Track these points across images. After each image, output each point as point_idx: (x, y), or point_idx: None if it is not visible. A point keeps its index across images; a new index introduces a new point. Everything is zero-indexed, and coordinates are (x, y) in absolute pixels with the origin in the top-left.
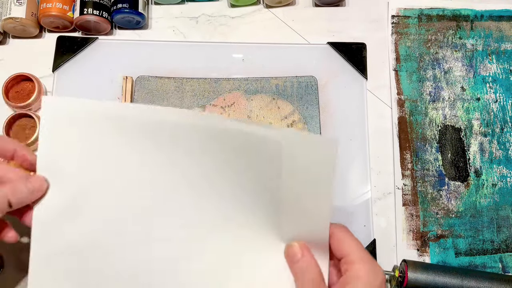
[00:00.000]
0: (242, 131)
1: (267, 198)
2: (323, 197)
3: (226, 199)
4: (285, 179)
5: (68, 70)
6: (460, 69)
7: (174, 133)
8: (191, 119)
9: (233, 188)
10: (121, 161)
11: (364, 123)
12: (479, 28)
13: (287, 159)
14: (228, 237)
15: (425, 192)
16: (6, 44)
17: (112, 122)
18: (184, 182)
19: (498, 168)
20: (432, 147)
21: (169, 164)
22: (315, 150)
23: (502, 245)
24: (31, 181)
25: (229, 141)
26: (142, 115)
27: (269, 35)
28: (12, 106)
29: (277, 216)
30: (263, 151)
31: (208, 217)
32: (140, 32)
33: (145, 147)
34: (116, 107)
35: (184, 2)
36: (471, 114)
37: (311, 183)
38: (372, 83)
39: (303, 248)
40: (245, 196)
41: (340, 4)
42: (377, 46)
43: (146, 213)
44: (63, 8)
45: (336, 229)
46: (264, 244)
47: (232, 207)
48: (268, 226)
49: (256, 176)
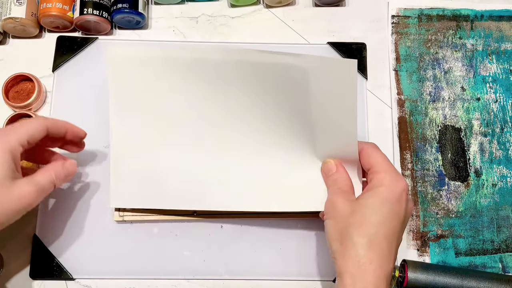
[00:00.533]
0: (273, 63)
1: (303, 122)
2: (349, 115)
3: (270, 126)
4: (314, 101)
5: (68, 70)
6: (460, 69)
7: (218, 69)
8: (230, 55)
9: (275, 116)
10: (173, 97)
11: (364, 123)
12: (479, 28)
13: (314, 82)
14: (277, 157)
15: (425, 192)
16: (6, 44)
17: (165, 63)
18: (232, 113)
19: (498, 168)
20: (432, 147)
21: (216, 96)
22: (337, 70)
23: (502, 245)
24: (67, 167)
25: (265, 72)
26: (187, 55)
27: (269, 35)
28: (12, 106)
29: (313, 138)
30: (292, 78)
31: (259, 141)
32: (140, 32)
33: (193, 82)
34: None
35: (184, 2)
36: (471, 114)
37: (337, 102)
38: (372, 83)
39: (338, 163)
40: (285, 122)
41: (340, 4)
42: (377, 46)
43: (198, 143)
44: (63, 8)
45: (366, 145)
46: (304, 162)
47: (275, 133)
48: (306, 146)
49: (292, 103)
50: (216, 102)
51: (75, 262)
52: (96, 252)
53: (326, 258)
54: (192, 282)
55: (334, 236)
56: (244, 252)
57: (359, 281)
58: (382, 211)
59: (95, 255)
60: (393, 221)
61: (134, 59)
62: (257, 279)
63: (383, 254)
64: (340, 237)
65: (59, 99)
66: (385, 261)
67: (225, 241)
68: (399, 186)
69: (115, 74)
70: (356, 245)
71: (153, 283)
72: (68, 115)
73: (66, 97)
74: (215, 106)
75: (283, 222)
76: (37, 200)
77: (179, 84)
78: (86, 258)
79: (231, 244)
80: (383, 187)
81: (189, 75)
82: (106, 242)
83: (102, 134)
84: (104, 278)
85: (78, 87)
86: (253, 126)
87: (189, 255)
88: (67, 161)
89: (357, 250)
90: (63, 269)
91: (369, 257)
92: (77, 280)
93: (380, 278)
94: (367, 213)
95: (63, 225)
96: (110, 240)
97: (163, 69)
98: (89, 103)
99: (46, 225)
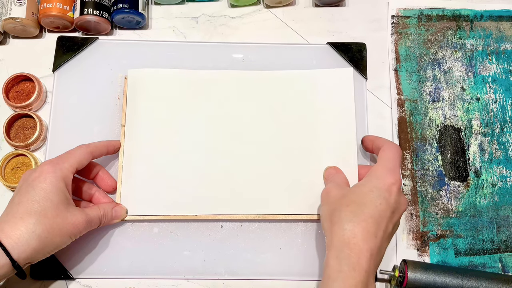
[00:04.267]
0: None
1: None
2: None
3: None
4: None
5: (68, 70)
6: (460, 69)
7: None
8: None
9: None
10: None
11: (364, 123)
12: (479, 28)
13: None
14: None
15: (425, 192)
16: (6, 44)
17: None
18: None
19: (498, 168)
20: (432, 147)
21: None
22: (335, 79)
23: (502, 245)
24: (116, 210)
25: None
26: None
27: (269, 35)
28: (12, 106)
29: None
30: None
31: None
32: (140, 32)
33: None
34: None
35: (184, 2)
36: (471, 114)
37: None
38: (372, 83)
39: (337, 169)
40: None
41: (340, 4)
42: (377, 46)
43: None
44: (63, 8)
45: (386, 143)
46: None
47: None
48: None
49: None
50: (228, 112)
51: (75, 262)
52: (97, 252)
53: None
54: (192, 282)
55: (326, 217)
56: (244, 252)
57: (342, 252)
58: (369, 195)
59: (95, 255)
60: (381, 205)
61: (150, 76)
62: (257, 279)
63: (368, 230)
64: (330, 217)
65: (59, 99)
66: (370, 238)
67: (225, 241)
68: (390, 178)
69: (133, 90)
70: (342, 220)
71: (153, 283)
72: (68, 115)
73: (67, 97)
74: (226, 115)
75: (283, 222)
76: (84, 231)
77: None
78: (87, 258)
79: (231, 244)
80: (374, 177)
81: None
82: (106, 242)
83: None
84: (104, 278)
85: (78, 87)
86: (263, 135)
87: (189, 255)
88: (118, 206)
89: (343, 225)
90: (63, 269)
91: (354, 231)
92: (78, 280)
93: (363, 251)
94: (355, 196)
95: None
96: (110, 240)
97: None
98: (90, 103)
99: None
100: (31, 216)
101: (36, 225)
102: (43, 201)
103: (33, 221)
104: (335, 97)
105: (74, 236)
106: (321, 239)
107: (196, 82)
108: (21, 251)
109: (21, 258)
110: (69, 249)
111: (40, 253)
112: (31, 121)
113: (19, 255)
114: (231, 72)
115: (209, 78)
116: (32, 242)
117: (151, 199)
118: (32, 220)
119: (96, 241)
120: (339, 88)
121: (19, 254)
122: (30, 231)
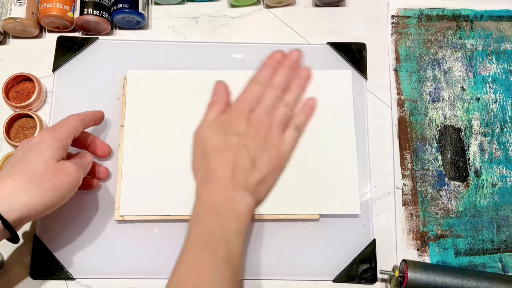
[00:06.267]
0: None
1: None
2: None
3: None
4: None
5: (68, 70)
6: (460, 69)
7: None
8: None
9: None
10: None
11: (364, 123)
12: (479, 28)
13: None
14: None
15: (425, 192)
16: (6, 44)
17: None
18: None
19: (498, 168)
20: (432, 147)
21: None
22: (335, 80)
23: (502, 245)
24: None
25: None
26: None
27: (269, 35)
28: (12, 106)
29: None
30: None
31: None
32: (140, 32)
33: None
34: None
35: (184, 2)
36: (471, 114)
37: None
38: (372, 83)
39: None
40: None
41: (340, 4)
42: (377, 46)
43: None
44: (63, 8)
45: None
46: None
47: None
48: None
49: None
50: None
51: (75, 262)
52: (97, 252)
53: (326, 258)
54: None
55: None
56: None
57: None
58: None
59: (95, 255)
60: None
61: (150, 77)
62: (258, 279)
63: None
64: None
65: (59, 99)
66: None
67: None
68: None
69: (132, 91)
70: None
71: (153, 283)
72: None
73: (66, 97)
74: None
75: (283, 222)
76: (76, 181)
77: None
78: (87, 258)
79: None
80: None
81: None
82: (106, 242)
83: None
84: (104, 278)
85: (78, 87)
86: None
87: None
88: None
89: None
90: (63, 269)
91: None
92: (78, 280)
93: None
94: None
95: (63, 225)
96: (111, 240)
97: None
98: (89, 102)
99: (46, 225)
100: (21, 174)
101: (26, 182)
102: (36, 161)
103: (23, 178)
104: (334, 99)
105: (73, 186)
106: (321, 239)
107: (196, 82)
108: (10, 208)
109: (10, 215)
110: (69, 249)
111: (32, 210)
112: (31, 121)
113: (7, 212)
114: (231, 72)
115: (209, 78)
116: (22, 198)
117: (151, 199)
118: (22, 178)
119: (96, 241)
120: (337, 90)
121: (8, 211)
122: (18, 187)
